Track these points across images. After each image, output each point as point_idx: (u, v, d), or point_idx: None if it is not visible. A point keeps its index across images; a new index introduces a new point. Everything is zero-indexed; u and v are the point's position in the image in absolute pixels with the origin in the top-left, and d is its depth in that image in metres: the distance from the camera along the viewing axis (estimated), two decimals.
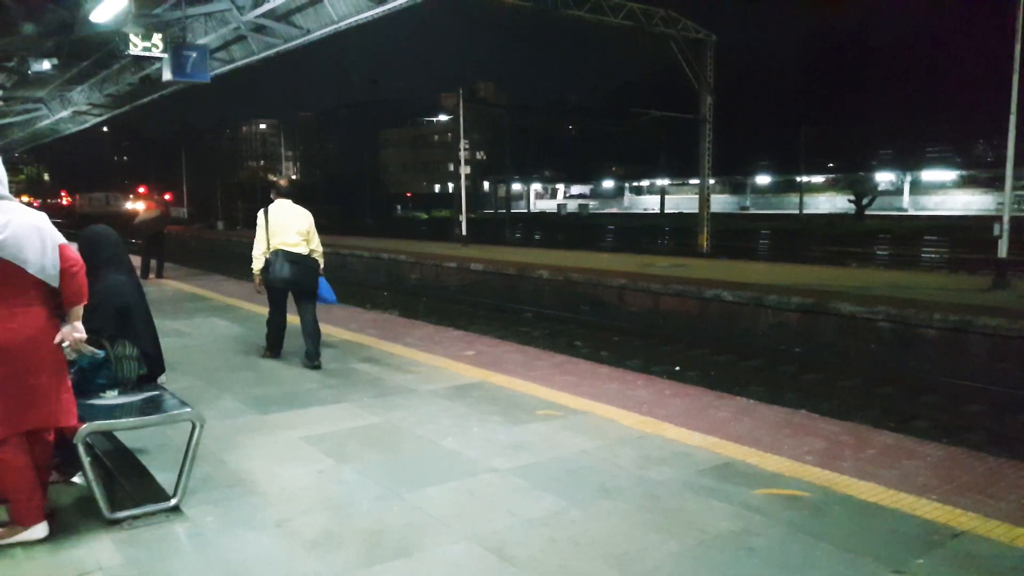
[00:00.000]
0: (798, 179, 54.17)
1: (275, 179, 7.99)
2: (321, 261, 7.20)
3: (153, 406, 3.81)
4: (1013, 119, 14.20)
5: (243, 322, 9.73)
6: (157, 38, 14.03)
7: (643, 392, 6.02)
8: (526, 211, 73.65)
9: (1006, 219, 14.32)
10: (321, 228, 7.54)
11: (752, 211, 65.67)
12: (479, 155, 76.54)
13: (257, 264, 6.99)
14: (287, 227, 6.88)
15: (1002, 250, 14.22)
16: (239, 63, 17.28)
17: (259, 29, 15.30)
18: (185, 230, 48.06)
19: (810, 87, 51.06)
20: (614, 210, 72.77)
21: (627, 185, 78.26)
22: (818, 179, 62.60)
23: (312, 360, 6.92)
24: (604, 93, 71.62)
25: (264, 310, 7.51)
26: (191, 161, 63.90)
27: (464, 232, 28.77)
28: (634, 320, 14.62)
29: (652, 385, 6.37)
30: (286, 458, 4.52)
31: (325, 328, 7.60)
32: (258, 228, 6.97)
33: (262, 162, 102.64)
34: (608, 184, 78.44)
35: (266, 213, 6.95)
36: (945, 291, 13.39)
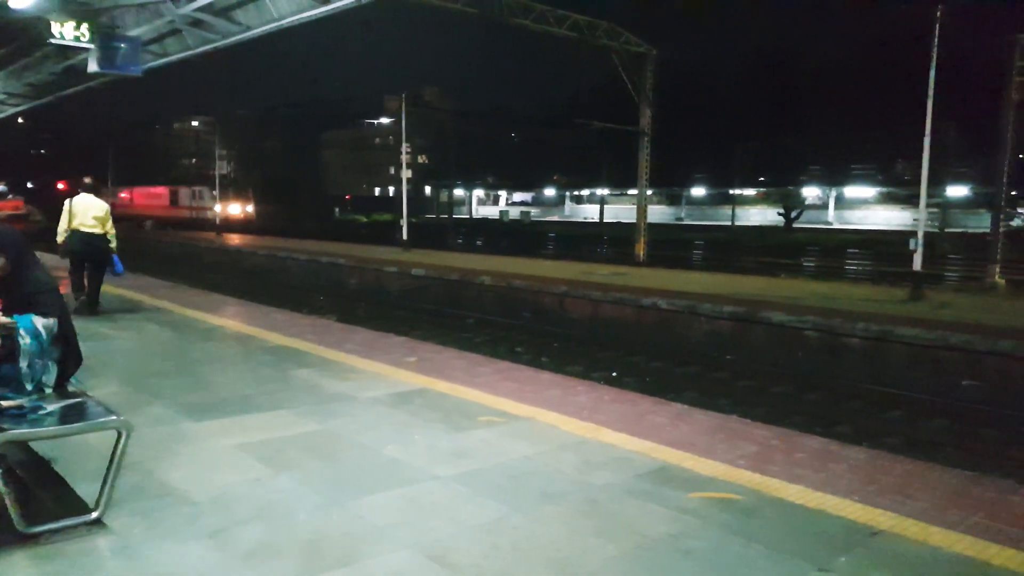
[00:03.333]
0: (732, 192, 55.79)
1: (82, 179, 10.09)
2: (114, 241, 9.77)
3: (75, 414, 3.63)
4: (927, 141, 14.99)
5: (175, 326, 9.45)
6: (85, 27, 13.51)
7: (584, 398, 6.11)
8: (468, 217, 73.65)
9: (921, 235, 15.10)
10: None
11: (687, 222, 67.25)
12: (421, 159, 76.20)
13: (60, 238, 9.59)
14: (85, 213, 9.45)
15: (917, 263, 14.97)
16: (173, 57, 16.79)
17: (196, 23, 14.91)
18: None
19: (746, 104, 52.65)
20: (555, 218, 73.47)
21: (568, 194, 79.11)
22: (750, 192, 64.57)
23: (85, 311, 9.35)
24: (549, 102, 72.41)
25: (194, 312, 9.41)
26: (120, 158, 61.53)
27: (405, 236, 28.58)
28: (575, 327, 14.79)
29: (592, 391, 6.47)
30: (220, 467, 4.41)
31: (261, 333, 7.45)
32: (63, 213, 9.54)
33: (195, 160, 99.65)
34: (550, 192, 79.11)
35: (71, 202, 9.57)
36: (867, 302, 13.98)
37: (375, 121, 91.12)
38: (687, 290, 15.24)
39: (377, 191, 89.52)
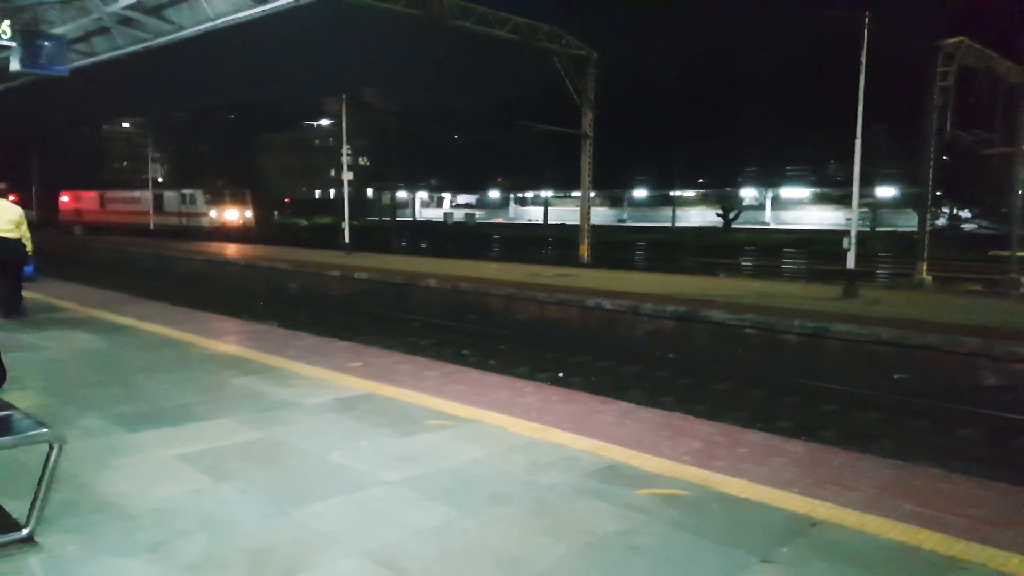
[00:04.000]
0: (672, 194, 56.89)
1: None
2: (29, 245, 9.94)
3: (2, 428, 3.49)
4: (858, 143, 15.57)
5: (107, 334, 9.12)
6: (6, 25, 12.90)
7: (532, 399, 6.14)
8: (412, 219, 73.17)
9: (853, 234, 15.66)
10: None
11: (629, 223, 68.23)
12: (363, 161, 75.29)
13: None
14: (0, 218, 9.60)
15: (850, 262, 15.53)
16: (102, 57, 16.17)
17: (126, 22, 14.40)
18: (35, 235, 44.20)
19: (685, 108, 53.76)
20: (500, 220, 73.60)
21: (512, 196, 79.37)
22: (690, 194, 66.02)
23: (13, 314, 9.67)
24: (493, 104, 72.44)
25: (128, 319, 9.04)
26: (44, 160, 58.93)
27: (347, 239, 28.22)
28: (521, 328, 14.84)
29: (540, 392, 6.50)
30: (159, 478, 4.28)
31: (199, 340, 7.26)
32: None
33: (126, 163, 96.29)
34: (494, 194, 79.24)
35: None
36: (803, 299, 14.42)
37: (314, 123, 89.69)
38: (630, 290, 15.45)
39: (317, 194, 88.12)
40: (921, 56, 19.46)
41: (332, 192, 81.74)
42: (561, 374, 11.16)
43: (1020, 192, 22.30)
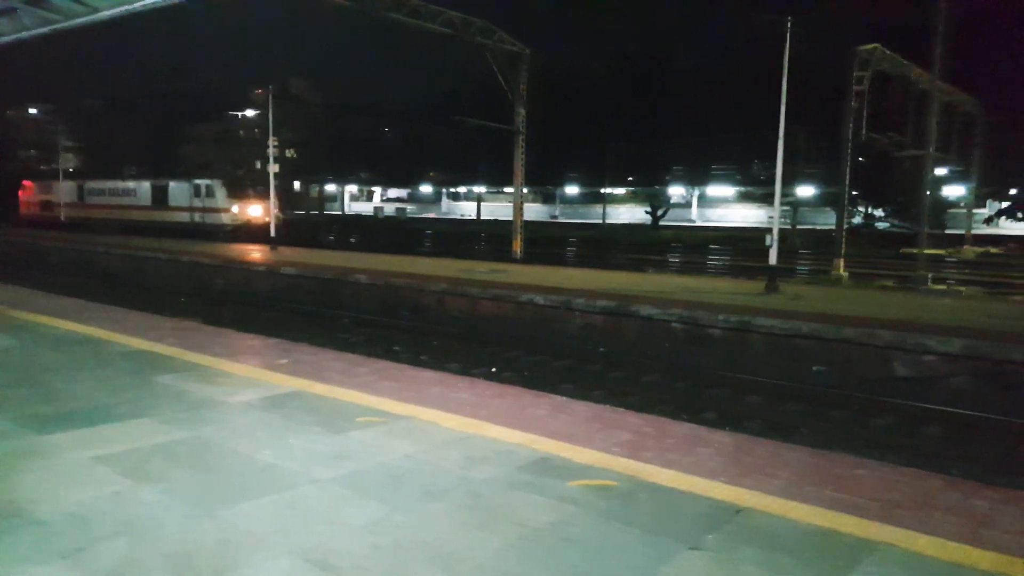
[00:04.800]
0: (603, 191, 57.76)
1: None
2: None
3: None
4: (780, 144, 16.13)
5: (13, 331, 8.64)
6: None
7: (465, 394, 6.13)
8: (341, 213, 71.96)
9: (775, 232, 16.22)
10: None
11: (561, 220, 68.92)
12: (290, 153, 73.52)
13: None
14: None
15: (772, 259, 16.08)
16: (7, 39, 15.28)
17: (34, 2, 13.63)
18: None
19: (617, 106, 54.59)
20: (432, 215, 73.18)
21: (445, 191, 78.98)
22: (620, 191, 67.12)
23: None
24: (427, 98, 71.65)
25: (40, 317, 8.21)
26: None
27: (273, 233, 27.53)
28: (454, 324, 14.79)
29: (474, 387, 6.50)
30: (74, 482, 4.09)
31: (117, 338, 6.97)
32: None
33: (33, 152, 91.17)
34: (426, 189, 78.69)
35: None
36: (728, 295, 14.86)
37: (240, 113, 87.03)
38: (563, 286, 15.61)
39: None
40: (839, 61, 20.28)
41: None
42: (494, 369, 11.18)
43: (928, 193, 23.55)
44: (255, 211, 34.94)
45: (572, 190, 69.18)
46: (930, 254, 24.28)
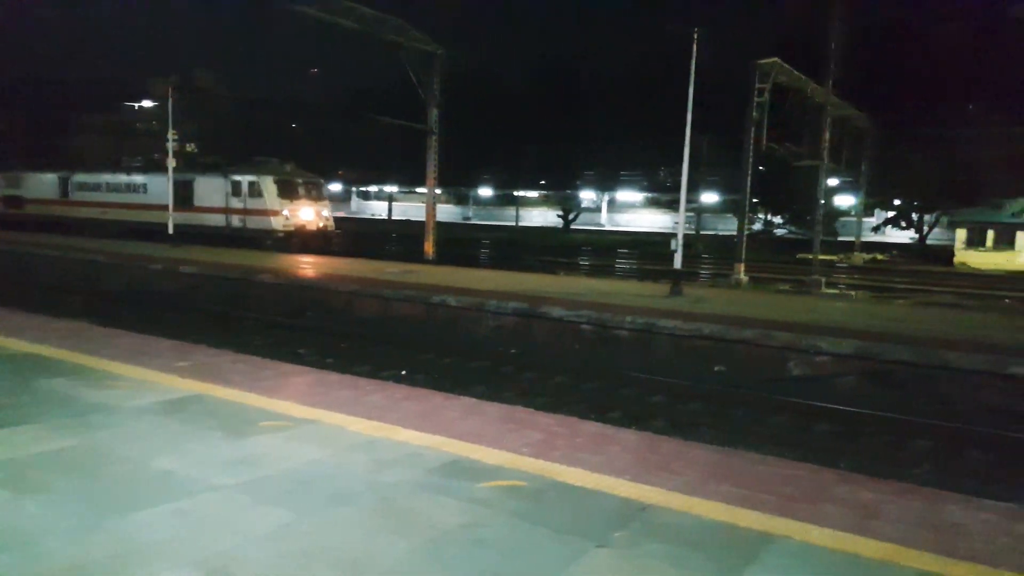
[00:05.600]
0: (516, 193, 58.22)
1: None
2: None
3: None
4: (687, 152, 16.68)
5: None
6: None
7: (374, 397, 6.03)
8: None
9: (680, 237, 16.77)
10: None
11: (474, 221, 68.96)
12: (191, 147, 70.57)
13: None
14: None
15: (677, 263, 16.61)
16: None
17: None
18: None
19: (531, 110, 55.18)
20: (341, 214, 71.68)
21: (355, 189, 77.64)
22: (533, 194, 67.85)
23: None
24: (339, 96, 70.10)
25: None
26: None
27: (171, 230, 26.33)
28: (364, 326, 14.54)
29: (384, 390, 6.41)
30: None
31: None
32: None
33: None
34: (335, 187, 77.07)
35: None
36: (635, 297, 15.23)
37: (137, 104, 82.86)
38: (475, 287, 15.61)
39: None
40: (743, 74, 21.15)
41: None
42: (405, 372, 11.06)
43: (823, 201, 24.89)
44: (307, 214, 28.37)
45: (486, 192, 69.39)
46: (823, 260, 25.70)
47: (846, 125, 31.13)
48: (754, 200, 40.80)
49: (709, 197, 52.74)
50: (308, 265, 19.98)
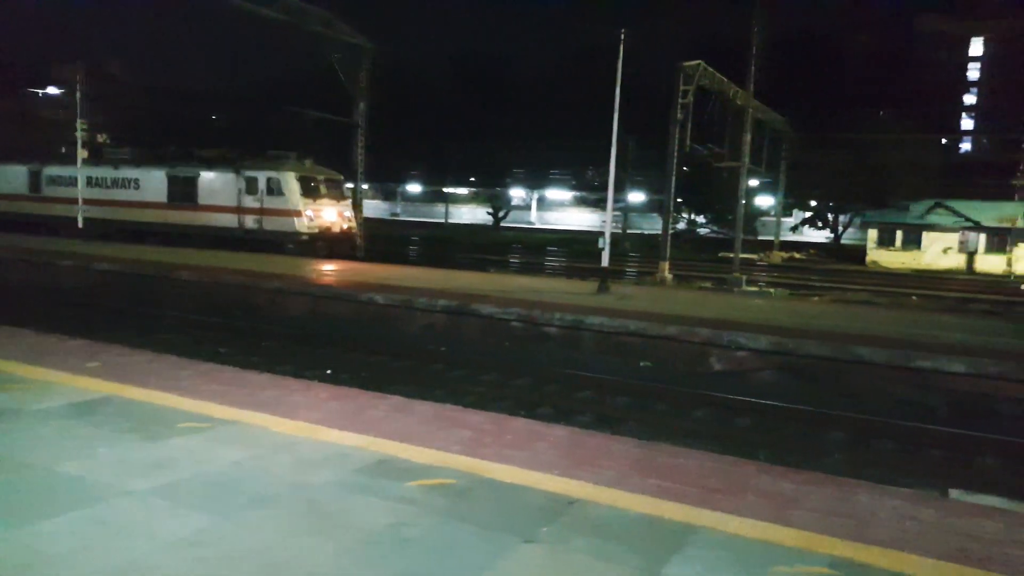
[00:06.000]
0: (445, 190, 57.98)
1: None
2: None
3: None
4: (614, 151, 16.95)
5: None
6: None
7: (298, 397, 5.89)
8: None
9: (607, 235, 17.03)
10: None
11: (403, 218, 68.32)
12: (102, 138, 67.41)
13: None
14: None
15: (605, 261, 16.87)
16: None
17: None
18: None
19: (461, 106, 55.00)
20: None
21: None
22: (463, 191, 67.68)
23: None
24: (263, 88, 68.05)
25: None
26: None
27: (81, 224, 25.09)
28: (289, 324, 14.20)
29: (308, 390, 6.27)
30: None
31: None
32: None
33: None
34: None
35: None
36: (564, 295, 15.40)
37: (40, 91, 78.50)
38: (404, 285, 15.46)
39: None
40: (667, 76, 21.63)
41: None
42: (330, 371, 10.86)
43: (744, 202, 25.71)
44: (329, 215, 25.18)
45: (414, 188, 68.82)
46: (744, 258, 26.56)
47: (766, 128, 32.25)
48: (678, 200, 41.87)
49: (636, 197, 53.81)
50: (228, 261, 19.37)
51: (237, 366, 7.61)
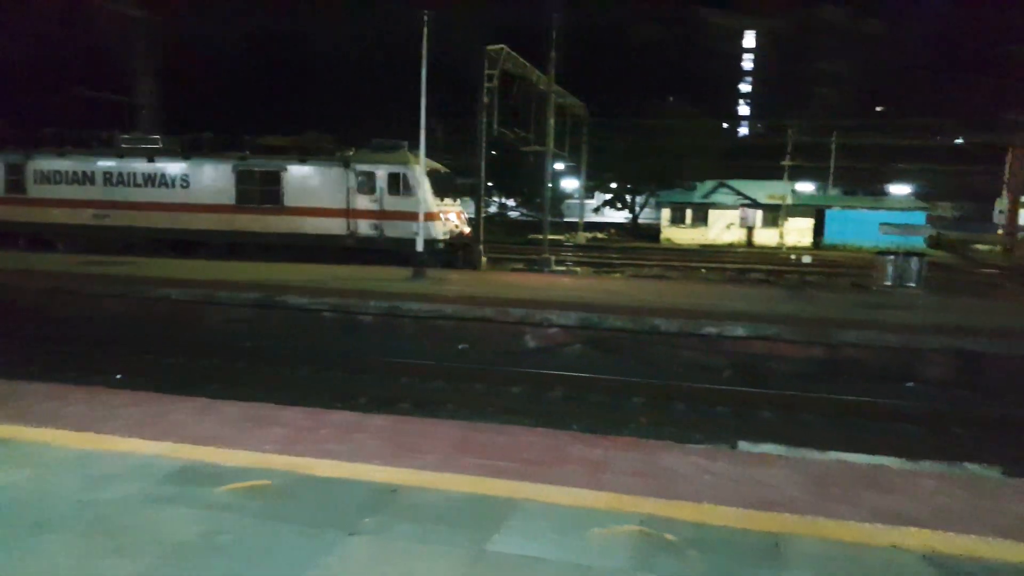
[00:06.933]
0: None
1: None
2: None
3: None
4: (423, 135, 16.92)
5: None
6: None
7: (84, 407, 5.31)
8: None
9: (421, 218, 16.99)
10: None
11: None
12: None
13: None
14: None
15: (419, 245, 16.84)
16: None
17: None
18: None
19: (257, 86, 52.08)
20: None
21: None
22: None
23: None
24: (27, 62, 59.98)
25: None
26: None
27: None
28: (67, 327, 12.73)
29: (93, 398, 5.66)
30: None
31: None
32: None
33: None
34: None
35: None
36: (378, 282, 15.17)
37: None
38: (200, 278, 14.44)
39: None
40: (474, 59, 21.84)
41: None
42: (119, 376, 9.92)
43: (550, 185, 26.73)
44: (454, 219, 21.24)
45: None
46: (552, 240, 27.69)
47: (567, 113, 33.68)
48: (489, 184, 42.69)
49: None
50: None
51: (7, 377, 6.70)
